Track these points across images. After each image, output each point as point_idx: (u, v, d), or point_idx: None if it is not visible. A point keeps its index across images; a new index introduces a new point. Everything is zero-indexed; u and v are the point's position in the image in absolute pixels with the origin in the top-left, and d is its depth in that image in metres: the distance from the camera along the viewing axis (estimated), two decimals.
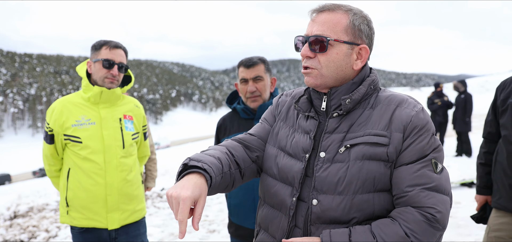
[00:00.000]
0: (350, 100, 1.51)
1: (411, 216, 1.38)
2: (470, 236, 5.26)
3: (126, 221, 2.82)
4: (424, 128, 1.45)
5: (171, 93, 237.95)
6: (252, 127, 2.69)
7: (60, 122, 2.73)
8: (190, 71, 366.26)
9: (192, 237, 5.91)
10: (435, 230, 1.38)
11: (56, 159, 2.84)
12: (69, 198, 2.75)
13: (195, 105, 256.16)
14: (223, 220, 6.71)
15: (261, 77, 2.72)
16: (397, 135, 1.44)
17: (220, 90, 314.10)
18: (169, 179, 10.53)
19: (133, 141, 2.90)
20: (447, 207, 1.41)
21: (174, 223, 6.63)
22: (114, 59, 2.75)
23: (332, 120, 1.54)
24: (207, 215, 7.07)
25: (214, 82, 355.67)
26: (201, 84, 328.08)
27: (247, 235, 2.73)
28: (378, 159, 1.44)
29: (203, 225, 6.48)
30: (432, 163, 1.44)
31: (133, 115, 2.93)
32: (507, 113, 2.73)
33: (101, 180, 2.70)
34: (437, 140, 1.49)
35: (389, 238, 1.35)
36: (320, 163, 1.50)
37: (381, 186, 1.45)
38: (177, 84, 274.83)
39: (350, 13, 1.53)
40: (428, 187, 1.40)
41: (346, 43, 1.50)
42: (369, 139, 1.45)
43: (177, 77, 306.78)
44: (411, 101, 1.52)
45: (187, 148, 23.59)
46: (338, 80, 1.53)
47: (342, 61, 1.51)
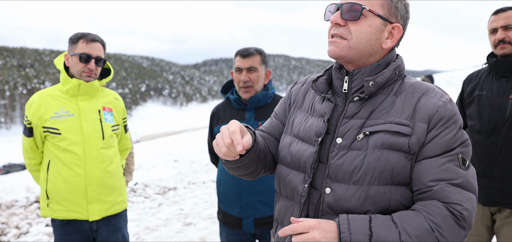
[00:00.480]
0: (374, 83, 1.41)
1: (437, 210, 1.29)
2: None
3: (107, 212, 2.82)
4: (452, 120, 1.36)
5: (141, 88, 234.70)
6: (244, 117, 2.72)
7: (39, 114, 2.72)
8: (160, 65, 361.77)
9: (169, 230, 5.92)
10: (461, 228, 1.30)
11: (35, 153, 2.83)
12: (49, 191, 2.74)
13: (165, 100, 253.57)
14: (198, 213, 6.73)
15: (256, 68, 2.77)
16: (421, 125, 1.35)
17: (191, 85, 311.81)
18: (142, 174, 10.45)
19: (113, 133, 2.90)
20: (474, 206, 1.33)
21: (149, 216, 6.62)
22: (91, 53, 2.74)
23: (352, 104, 1.44)
24: (182, 208, 7.08)
25: (185, 76, 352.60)
26: (171, 79, 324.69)
27: (233, 222, 2.81)
28: (398, 149, 1.35)
29: (178, 218, 6.49)
30: (458, 158, 1.35)
31: (112, 107, 2.93)
32: (473, 104, 2.87)
33: (81, 171, 2.70)
34: (464, 134, 1.39)
35: (412, 230, 1.26)
36: (336, 149, 1.41)
37: (399, 179, 1.36)
38: (146, 79, 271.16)
39: None
40: (454, 183, 1.32)
41: (380, 17, 1.41)
42: (391, 128, 1.36)
43: (146, 71, 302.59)
44: (438, 90, 1.42)
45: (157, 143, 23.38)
46: (364, 56, 1.43)
47: (373, 35, 1.42)
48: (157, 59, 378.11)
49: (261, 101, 2.80)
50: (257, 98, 2.77)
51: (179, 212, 6.87)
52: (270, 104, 2.85)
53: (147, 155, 14.40)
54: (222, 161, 1.55)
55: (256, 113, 2.80)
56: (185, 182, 9.41)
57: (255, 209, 2.74)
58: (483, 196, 2.79)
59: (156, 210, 7.07)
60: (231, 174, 2.75)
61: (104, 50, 2.85)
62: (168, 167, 11.65)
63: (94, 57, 2.74)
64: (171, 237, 5.62)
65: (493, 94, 2.77)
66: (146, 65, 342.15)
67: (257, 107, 2.81)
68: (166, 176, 10.22)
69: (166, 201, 7.71)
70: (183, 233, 5.78)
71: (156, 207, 7.24)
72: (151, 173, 10.62)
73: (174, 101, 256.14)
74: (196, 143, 18.99)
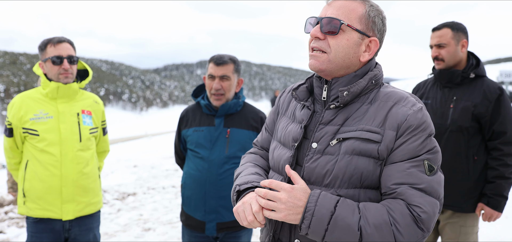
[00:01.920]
0: (348, 93, 1.49)
1: (399, 207, 1.37)
2: None
3: (81, 213, 2.92)
4: (420, 128, 1.42)
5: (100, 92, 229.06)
6: (213, 123, 2.78)
7: (19, 116, 2.82)
8: (120, 69, 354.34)
9: (128, 237, 5.87)
10: (419, 229, 1.36)
11: (15, 152, 2.93)
12: (26, 189, 2.84)
13: (125, 104, 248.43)
14: (158, 218, 6.71)
15: (228, 77, 2.82)
16: (390, 133, 1.42)
17: (151, 90, 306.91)
18: (102, 180, 10.26)
19: (91, 135, 2.99)
20: (435, 210, 1.39)
21: (107, 222, 6.53)
22: (61, 53, 2.82)
23: (329, 111, 1.54)
24: (141, 214, 7.03)
25: (145, 81, 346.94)
26: (131, 83, 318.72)
27: (196, 226, 2.87)
28: (368, 155, 1.43)
29: (137, 224, 6.44)
30: (424, 164, 1.41)
31: (92, 110, 3.03)
32: None
33: (56, 171, 2.80)
34: (433, 142, 1.46)
35: (372, 219, 1.35)
36: (311, 153, 1.51)
37: (368, 183, 1.45)
38: (105, 83, 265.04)
39: (367, 3, 1.53)
40: (417, 187, 1.39)
41: (358, 31, 1.49)
42: (361, 135, 1.44)
43: (105, 75, 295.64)
44: (411, 99, 1.49)
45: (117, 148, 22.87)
46: (342, 69, 1.52)
47: (351, 48, 1.49)
48: (117, 63, 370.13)
49: (231, 108, 2.86)
50: (227, 106, 2.84)
51: (138, 218, 6.81)
52: (240, 112, 2.92)
53: (106, 160, 14.07)
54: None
55: (225, 120, 2.87)
56: (145, 187, 9.32)
57: (219, 214, 2.81)
58: None
59: (115, 215, 6.98)
60: (197, 178, 2.81)
61: (74, 49, 2.93)
62: (128, 172, 11.47)
63: (65, 57, 2.83)
64: None
65: (437, 103, 2.98)
66: (105, 68, 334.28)
67: (227, 114, 2.87)
68: (125, 181, 10.07)
69: (125, 206, 7.62)
70: (142, 239, 5.75)
71: (115, 213, 7.15)
72: (110, 179, 10.43)
73: (134, 106, 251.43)
74: (157, 148, 18.76)
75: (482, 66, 2.95)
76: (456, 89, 2.94)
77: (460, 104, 2.88)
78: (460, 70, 2.91)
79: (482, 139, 2.90)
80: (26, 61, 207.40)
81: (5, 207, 7.21)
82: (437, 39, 2.93)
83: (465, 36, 2.94)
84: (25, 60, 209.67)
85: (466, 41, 2.94)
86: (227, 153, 2.79)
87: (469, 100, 2.86)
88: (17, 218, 6.74)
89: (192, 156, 2.89)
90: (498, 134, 2.83)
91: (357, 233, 1.35)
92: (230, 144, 2.81)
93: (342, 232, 1.36)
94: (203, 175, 2.78)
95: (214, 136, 2.82)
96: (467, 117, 2.85)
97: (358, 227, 1.35)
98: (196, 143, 2.85)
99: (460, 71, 2.91)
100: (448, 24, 2.91)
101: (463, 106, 2.87)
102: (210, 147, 2.81)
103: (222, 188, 2.78)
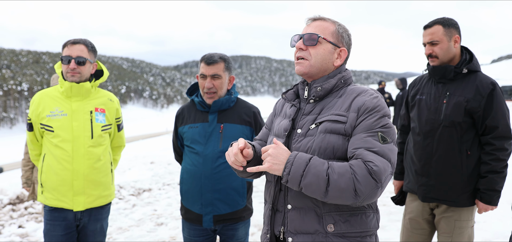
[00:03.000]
0: (321, 88, 1.95)
1: (357, 163, 1.74)
2: (399, 221, 5.72)
3: (91, 204, 3.13)
4: (375, 109, 1.84)
5: (121, 89, 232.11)
6: (207, 119, 2.93)
7: (37, 112, 3.07)
8: (140, 67, 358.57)
9: (140, 230, 6.03)
10: (373, 180, 1.71)
11: (35, 144, 3.19)
12: (43, 180, 3.08)
13: (146, 102, 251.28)
14: (171, 213, 6.86)
15: (219, 75, 2.92)
16: (353, 114, 1.85)
17: (172, 87, 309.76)
18: (117, 176, 10.48)
19: (103, 132, 3.17)
20: (386, 167, 1.75)
21: (122, 217, 6.71)
22: (71, 54, 3.03)
23: (309, 105, 1.99)
24: (155, 209, 7.19)
25: (165, 78, 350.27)
26: (152, 80, 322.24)
27: (194, 218, 2.98)
28: (337, 132, 1.84)
29: (151, 219, 6.61)
30: (378, 135, 1.80)
31: (105, 108, 3.22)
32: (415, 107, 3.12)
33: (68, 166, 3.01)
34: (386, 121, 1.85)
35: (337, 169, 1.73)
36: (296, 137, 1.94)
37: (340, 155, 1.84)
38: (127, 80, 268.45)
39: (336, 23, 2.01)
40: (371, 150, 1.76)
41: (331, 43, 1.97)
42: (332, 118, 1.87)
43: (126, 72, 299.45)
44: (370, 91, 1.92)
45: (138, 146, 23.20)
46: (320, 72, 1.98)
47: (326, 56, 1.97)
48: (137, 61, 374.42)
49: (224, 105, 2.96)
50: (220, 102, 2.94)
51: (152, 213, 6.98)
52: (232, 107, 3.01)
53: (124, 158, 14.38)
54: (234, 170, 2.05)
55: (218, 116, 2.96)
56: (160, 183, 9.51)
57: (215, 207, 2.90)
58: (422, 192, 3.03)
59: (130, 211, 7.16)
60: (193, 173, 2.92)
61: (88, 50, 3.10)
62: (144, 169, 11.70)
63: (73, 58, 3.02)
64: (142, 237, 5.74)
65: (431, 98, 3.01)
66: (126, 66, 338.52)
67: (220, 110, 2.97)
68: (141, 177, 10.29)
69: (140, 202, 7.80)
70: (154, 233, 5.91)
71: (130, 208, 7.34)
72: (127, 175, 10.67)
73: (155, 103, 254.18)
74: None
75: (475, 61, 2.95)
76: (449, 84, 2.97)
77: (453, 99, 2.91)
78: (452, 66, 2.94)
79: (475, 134, 2.93)
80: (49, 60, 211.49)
81: (25, 203, 7.47)
82: (429, 36, 2.94)
83: (457, 31, 2.94)
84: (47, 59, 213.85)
85: (459, 36, 2.94)
86: (221, 148, 2.88)
87: (462, 95, 2.89)
88: (36, 213, 6.99)
89: (188, 151, 2.99)
90: (490, 129, 2.86)
91: (326, 178, 1.72)
92: (223, 139, 2.90)
93: (313, 177, 1.73)
94: (199, 169, 2.88)
95: (208, 132, 2.92)
96: (459, 112, 2.88)
97: (326, 173, 1.73)
98: (191, 139, 2.95)
99: (452, 66, 2.93)
100: (439, 20, 2.93)
101: (456, 101, 2.90)
102: (204, 143, 2.90)
103: (217, 182, 2.87)
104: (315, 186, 1.73)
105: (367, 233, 1.89)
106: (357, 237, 1.86)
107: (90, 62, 3.10)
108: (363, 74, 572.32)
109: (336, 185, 1.70)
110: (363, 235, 1.88)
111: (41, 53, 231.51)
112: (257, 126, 3.04)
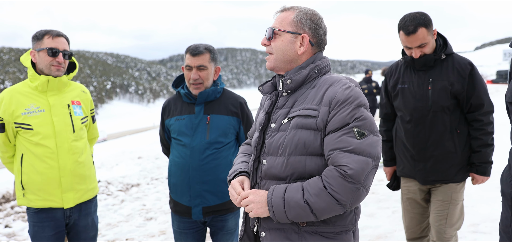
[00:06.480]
0: (291, 81, 1.89)
1: (330, 172, 1.70)
2: (389, 208, 5.77)
3: (80, 200, 3.03)
4: (347, 102, 1.75)
5: (106, 85, 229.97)
6: (193, 111, 2.91)
7: (10, 111, 2.88)
8: (125, 62, 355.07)
9: (130, 225, 6.00)
10: (349, 184, 1.67)
11: (8, 146, 3.01)
12: (24, 182, 2.92)
13: (132, 97, 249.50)
14: (160, 208, 6.83)
15: (205, 66, 2.89)
16: (325, 108, 1.77)
17: (157, 81, 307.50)
18: (105, 172, 10.41)
19: (82, 125, 3.08)
20: (363, 167, 1.69)
21: (111, 213, 6.67)
22: (58, 47, 2.89)
23: (282, 98, 1.94)
24: (144, 204, 7.15)
25: (151, 72, 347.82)
26: (137, 75, 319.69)
27: (183, 211, 2.96)
28: (308, 128, 1.78)
29: (140, 214, 6.57)
30: (354, 130, 1.73)
31: (80, 100, 3.11)
32: (399, 97, 3.20)
33: (54, 163, 2.89)
34: (361, 111, 1.76)
35: (312, 190, 1.71)
36: (270, 132, 1.92)
37: (312, 151, 1.79)
38: (112, 76, 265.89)
39: (296, 10, 1.93)
40: (345, 150, 1.70)
41: (289, 32, 1.90)
42: (303, 112, 1.81)
43: (111, 68, 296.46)
44: (343, 81, 1.83)
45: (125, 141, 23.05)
46: (286, 63, 1.92)
47: (286, 46, 1.89)
48: (122, 56, 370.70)
49: (210, 96, 2.94)
50: (206, 93, 2.91)
51: (141, 208, 6.94)
52: (219, 98, 3.00)
53: (111, 153, 14.28)
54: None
55: (205, 107, 2.94)
56: (149, 178, 9.46)
57: (203, 198, 2.89)
58: (422, 177, 3.16)
59: (118, 206, 7.11)
60: (180, 165, 2.90)
61: (68, 45, 3.00)
62: (132, 164, 11.63)
63: (61, 51, 2.90)
64: (131, 232, 5.71)
65: (414, 86, 3.11)
66: (110, 61, 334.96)
67: (206, 101, 2.95)
68: (129, 173, 10.22)
69: (129, 197, 7.75)
70: (143, 228, 5.88)
71: (118, 204, 7.29)
72: (115, 171, 10.59)
73: (141, 98, 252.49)
74: None
75: (449, 45, 3.08)
76: (430, 71, 3.08)
77: (437, 84, 3.03)
78: (432, 55, 3.03)
79: (460, 112, 3.09)
80: None
81: (11, 202, 7.37)
82: (417, 41, 2.96)
83: (432, 24, 3.00)
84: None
85: (435, 29, 3.03)
86: (208, 139, 2.86)
87: (445, 79, 3.02)
88: (22, 212, 6.90)
89: (175, 144, 2.97)
90: (476, 107, 3.04)
91: (305, 205, 1.71)
92: (210, 130, 2.88)
93: (296, 209, 1.73)
94: (186, 162, 2.87)
95: (195, 124, 2.90)
96: (446, 96, 3.01)
97: (304, 200, 1.71)
98: (178, 131, 2.93)
99: (432, 55, 3.03)
100: (420, 22, 2.92)
101: (441, 86, 3.02)
102: (191, 134, 2.88)
103: (205, 173, 2.85)
104: (302, 215, 1.73)
105: (343, 229, 1.84)
106: (330, 233, 1.82)
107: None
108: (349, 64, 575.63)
109: (318, 207, 1.70)
110: (338, 232, 1.83)
111: (23, 50, 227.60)
112: (243, 116, 3.02)
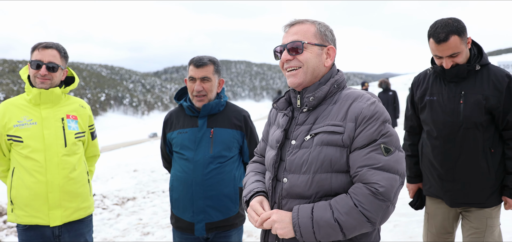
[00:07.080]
0: (313, 98, 1.84)
1: (359, 190, 1.68)
2: (390, 222, 5.69)
3: (69, 218, 2.90)
4: (373, 118, 1.74)
5: (101, 97, 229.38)
6: (196, 124, 2.84)
7: (3, 123, 2.83)
8: (120, 74, 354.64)
9: (126, 241, 5.86)
10: (380, 201, 1.66)
11: (2, 160, 2.93)
12: (13, 196, 2.84)
13: (126, 109, 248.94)
14: (157, 222, 6.70)
15: (209, 78, 2.83)
16: (351, 124, 1.74)
17: (152, 93, 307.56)
18: (100, 185, 10.25)
19: (77, 140, 2.96)
20: (392, 183, 1.68)
21: (107, 228, 6.54)
22: (42, 59, 2.82)
23: (302, 115, 1.89)
24: (141, 218, 7.02)
25: (145, 84, 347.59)
26: (132, 87, 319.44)
27: (186, 227, 2.88)
28: (334, 144, 1.75)
29: (136, 228, 6.44)
30: (381, 147, 1.72)
31: (77, 115, 3.02)
32: (426, 109, 2.93)
33: (42, 177, 2.79)
34: (387, 127, 1.76)
35: (342, 208, 1.68)
36: (291, 149, 1.85)
37: (338, 168, 1.76)
38: (106, 88, 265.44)
39: (315, 23, 1.90)
40: (375, 167, 1.69)
41: (316, 45, 1.86)
42: (328, 129, 1.77)
43: (106, 80, 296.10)
44: (366, 95, 1.82)
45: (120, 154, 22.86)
46: (314, 77, 1.87)
47: (315, 59, 1.85)
48: (117, 68, 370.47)
49: (213, 109, 2.87)
50: (209, 106, 2.84)
51: (137, 222, 6.81)
52: (222, 111, 2.92)
53: (106, 166, 14.10)
54: None
55: (208, 120, 2.87)
56: (145, 191, 9.32)
57: (207, 214, 2.80)
58: (449, 198, 2.90)
59: (114, 221, 6.97)
60: (183, 180, 2.82)
61: (61, 56, 2.91)
62: (128, 177, 11.48)
63: (45, 63, 2.81)
64: None
65: (444, 99, 2.84)
66: (105, 73, 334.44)
67: (210, 114, 2.88)
68: (125, 186, 10.07)
69: (125, 211, 7.61)
70: None
71: (114, 218, 7.15)
72: (110, 184, 10.44)
73: (136, 110, 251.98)
74: (158, 151, 18.76)
75: (485, 54, 2.82)
76: (463, 83, 2.80)
77: (470, 98, 2.76)
78: (465, 65, 2.76)
79: (495, 129, 2.81)
80: None
81: (4, 216, 7.22)
82: (449, 50, 2.71)
83: (466, 31, 2.75)
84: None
85: (469, 36, 2.78)
86: (212, 153, 2.79)
87: (479, 92, 2.75)
88: (15, 226, 6.75)
89: (177, 158, 2.89)
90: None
91: (336, 224, 1.67)
92: (214, 144, 2.81)
93: (326, 229, 1.68)
94: (189, 176, 2.79)
95: (198, 137, 2.83)
96: (480, 112, 2.74)
97: (334, 219, 1.67)
98: (180, 145, 2.85)
99: (465, 65, 2.75)
100: (453, 30, 2.67)
101: (474, 100, 2.74)
102: (194, 148, 2.81)
103: (208, 188, 2.77)
104: (332, 234, 1.69)
105: None
106: None
107: (61, 68, 2.91)
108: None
109: (348, 225, 1.67)
110: None
111: (17, 61, 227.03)
112: (247, 130, 2.95)
